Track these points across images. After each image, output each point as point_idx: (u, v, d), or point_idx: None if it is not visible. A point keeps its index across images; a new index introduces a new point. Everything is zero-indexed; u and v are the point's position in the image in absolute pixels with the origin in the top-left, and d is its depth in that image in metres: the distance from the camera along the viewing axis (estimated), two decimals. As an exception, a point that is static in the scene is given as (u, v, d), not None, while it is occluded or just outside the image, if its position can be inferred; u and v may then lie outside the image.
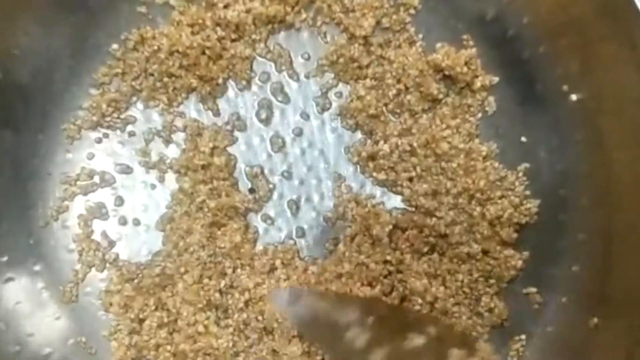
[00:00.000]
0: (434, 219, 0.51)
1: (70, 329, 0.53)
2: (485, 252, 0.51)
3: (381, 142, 0.52)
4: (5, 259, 0.52)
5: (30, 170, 0.54)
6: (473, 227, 0.51)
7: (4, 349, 0.50)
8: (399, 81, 0.53)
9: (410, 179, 0.52)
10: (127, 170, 0.54)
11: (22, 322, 0.52)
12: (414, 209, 0.52)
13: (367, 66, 0.53)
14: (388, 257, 0.51)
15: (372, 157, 0.53)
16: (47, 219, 0.54)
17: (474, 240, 0.51)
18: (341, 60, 0.53)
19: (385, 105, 0.53)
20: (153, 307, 0.52)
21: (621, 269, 0.47)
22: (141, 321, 0.52)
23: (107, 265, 0.53)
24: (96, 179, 0.54)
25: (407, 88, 0.53)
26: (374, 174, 0.53)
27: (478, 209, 0.51)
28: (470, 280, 0.51)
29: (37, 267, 0.53)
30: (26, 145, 0.54)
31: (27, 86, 0.53)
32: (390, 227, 0.50)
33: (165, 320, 0.51)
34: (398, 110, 0.53)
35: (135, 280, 0.53)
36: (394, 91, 0.52)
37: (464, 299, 0.51)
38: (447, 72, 0.52)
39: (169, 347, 0.51)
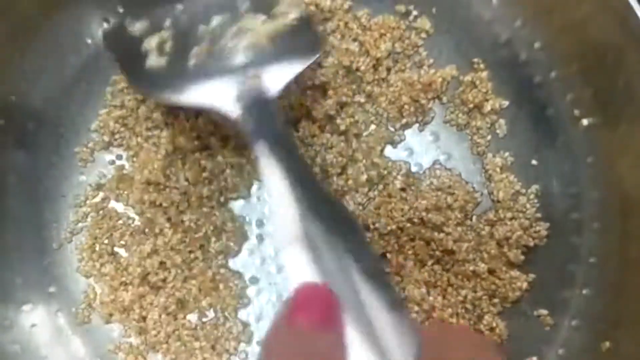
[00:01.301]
0: (442, 234, 0.51)
1: (85, 351, 0.53)
2: (491, 272, 0.51)
3: None
4: (20, 281, 0.52)
5: (45, 192, 0.54)
6: (480, 245, 0.52)
7: (21, 373, 0.50)
8: (391, 103, 0.53)
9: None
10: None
11: (37, 345, 0.52)
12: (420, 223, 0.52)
13: (368, 83, 0.54)
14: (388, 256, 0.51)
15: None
16: (61, 241, 0.54)
17: (481, 259, 0.51)
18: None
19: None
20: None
21: (634, 293, 0.47)
22: (144, 318, 0.52)
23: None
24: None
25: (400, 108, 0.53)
26: None
27: (487, 228, 0.52)
28: (474, 297, 0.51)
29: (51, 289, 0.53)
30: (40, 167, 0.54)
31: (41, 109, 0.54)
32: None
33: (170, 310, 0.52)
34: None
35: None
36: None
37: (465, 313, 0.51)
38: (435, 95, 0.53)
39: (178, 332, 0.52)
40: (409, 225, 0.51)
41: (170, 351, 0.51)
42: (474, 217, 0.52)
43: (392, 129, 0.54)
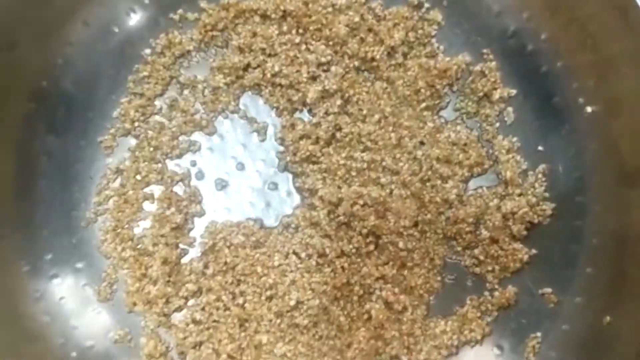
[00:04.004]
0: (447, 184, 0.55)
1: (110, 323, 0.56)
2: (494, 241, 0.54)
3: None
4: (50, 257, 0.55)
5: (74, 174, 0.57)
6: (485, 215, 0.54)
7: (50, 341, 0.53)
8: (407, 86, 0.56)
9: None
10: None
11: (67, 316, 0.55)
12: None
13: (385, 69, 0.56)
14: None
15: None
16: (88, 220, 0.57)
17: (485, 228, 0.54)
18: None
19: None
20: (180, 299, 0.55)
21: (634, 271, 0.50)
22: (166, 315, 0.55)
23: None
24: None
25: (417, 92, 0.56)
26: None
27: (495, 200, 0.54)
28: (477, 262, 0.54)
29: (79, 265, 0.56)
30: (70, 150, 0.57)
31: (71, 94, 0.57)
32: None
33: (199, 316, 0.54)
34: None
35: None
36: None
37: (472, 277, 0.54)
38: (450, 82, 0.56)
39: (210, 345, 0.54)
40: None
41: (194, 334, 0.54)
42: (485, 188, 0.55)
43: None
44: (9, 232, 0.53)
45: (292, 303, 0.53)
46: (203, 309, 0.54)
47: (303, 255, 0.54)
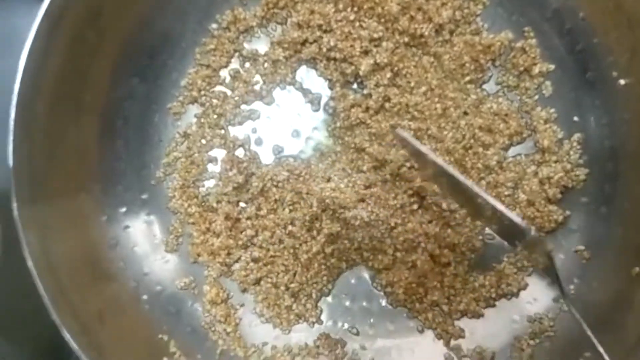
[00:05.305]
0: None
1: (177, 271, 0.61)
2: (530, 204, 0.58)
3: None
4: (124, 210, 0.61)
5: (146, 137, 0.63)
6: (523, 180, 0.59)
7: (125, 284, 0.59)
8: (453, 60, 0.60)
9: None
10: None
11: (139, 263, 0.60)
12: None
13: (434, 45, 0.61)
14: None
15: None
16: (157, 179, 0.62)
17: (522, 191, 0.59)
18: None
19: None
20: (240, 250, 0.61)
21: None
22: (227, 265, 0.61)
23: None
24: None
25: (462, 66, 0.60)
26: None
27: (532, 167, 0.59)
28: None
29: (149, 218, 0.62)
30: (143, 115, 0.62)
31: (145, 65, 0.62)
32: None
33: (258, 254, 0.60)
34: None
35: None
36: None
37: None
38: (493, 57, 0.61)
39: (269, 279, 0.60)
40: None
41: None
42: (523, 155, 0.60)
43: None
44: (91, 186, 0.59)
45: (337, 228, 0.58)
46: (260, 246, 0.60)
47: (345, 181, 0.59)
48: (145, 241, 0.61)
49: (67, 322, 0.50)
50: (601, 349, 0.47)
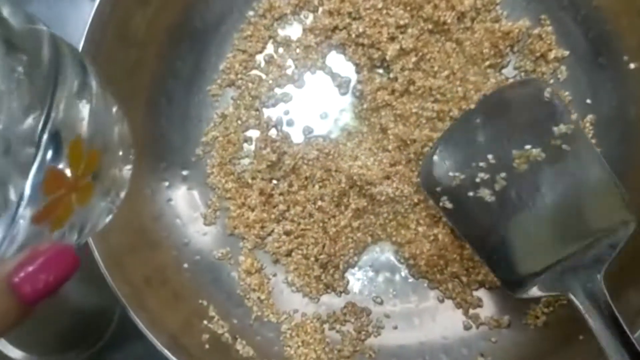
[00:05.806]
0: None
1: (214, 243, 0.66)
2: None
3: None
4: (166, 184, 0.66)
5: (187, 116, 0.67)
6: None
7: (168, 252, 0.63)
8: (474, 46, 0.64)
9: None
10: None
11: (180, 233, 0.65)
12: None
13: (456, 31, 0.65)
14: None
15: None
16: (197, 157, 0.67)
17: None
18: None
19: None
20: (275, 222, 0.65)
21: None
22: (261, 238, 0.65)
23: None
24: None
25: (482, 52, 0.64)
26: None
27: None
28: None
29: (190, 192, 0.66)
30: (184, 96, 0.67)
31: (187, 49, 0.66)
32: None
33: (289, 227, 0.64)
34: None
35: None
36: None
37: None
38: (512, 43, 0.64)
39: (299, 251, 0.64)
40: None
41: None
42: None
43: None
44: (138, 161, 0.63)
45: (364, 204, 0.63)
46: (292, 220, 0.64)
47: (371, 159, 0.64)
48: (185, 214, 0.66)
49: (120, 285, 0.54)
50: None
